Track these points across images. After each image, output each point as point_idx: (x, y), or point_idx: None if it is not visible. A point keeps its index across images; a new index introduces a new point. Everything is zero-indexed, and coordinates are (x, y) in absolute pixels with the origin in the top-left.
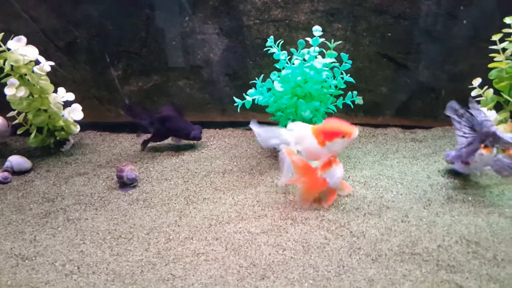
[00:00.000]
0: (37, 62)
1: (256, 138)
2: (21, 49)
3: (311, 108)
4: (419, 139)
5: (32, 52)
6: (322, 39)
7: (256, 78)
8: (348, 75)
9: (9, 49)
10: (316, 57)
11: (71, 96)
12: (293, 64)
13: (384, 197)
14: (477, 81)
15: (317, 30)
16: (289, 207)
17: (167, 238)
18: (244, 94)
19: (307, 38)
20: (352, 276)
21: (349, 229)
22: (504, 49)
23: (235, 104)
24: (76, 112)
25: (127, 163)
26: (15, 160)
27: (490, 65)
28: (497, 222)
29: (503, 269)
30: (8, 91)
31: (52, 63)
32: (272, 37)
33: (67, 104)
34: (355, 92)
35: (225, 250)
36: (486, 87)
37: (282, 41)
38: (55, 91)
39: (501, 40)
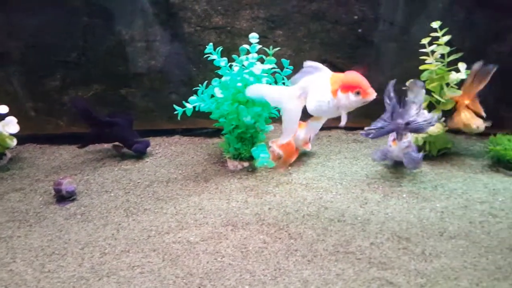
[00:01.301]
0: None
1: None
2: None
3: (253, 114)
4: (360, 140)
5: None
6: (259, 46)
7: (200, 85)
8: (290, 80)
9: None
10: (255, 64)
11: (4, 109)
12: (233, 70)
13: (323, 198)
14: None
15: (253, 37)
16: (231, 213)
17: (102, 252)
18: (183, 101)
19: (246, 46)
20: (288, 278)
21: (288, 231)
22: (433, 52)
23: (175, 112)
24: (11, 125)
25: (65, 176)
26: None
27: (421, 67)
28: (427, 217)
29: (430, 263)
30: None
31: None
32: (211, 44)
33: (1, 117)
34: None
35: (162, 261)
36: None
37: (222, 48)
38: None
39: (430, 43)
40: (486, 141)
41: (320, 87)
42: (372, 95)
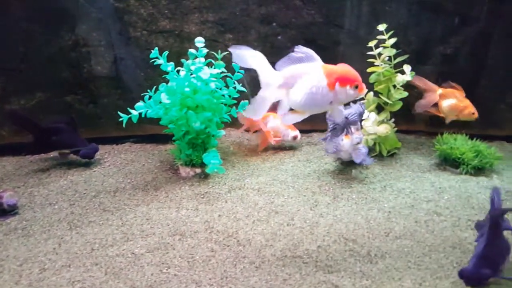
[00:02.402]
0: None
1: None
2: None
3: (202, 119)
4: (314, 142)
5: None
6: (206, 50)
7: (149, 90)
8: (241, 84)
9: None
10: (202, 68)
11: None
12: (180, 75)
13: (275, 202)
14: None
15: (199, 41)
16: (180, 222)
17: (42, 268)
18: (128, 108)
19: (193, 50)
20: (234, 286)
21: (237, 238)
22: (380, 54)
23: (120, 120)
24: None
25: (5, 189)
26: None
27: (369, 70)
28: (375, 218)
29: (375, 265)
30: None
31: None
32: (156, 48)
33: None
34: (246, 101)
35: (104, 275)
36: (367, 90)
37: (168, 52)
38: None
39: (377, 46)
40: (434, 141)
41: (313, 79)
42: (365, 89)
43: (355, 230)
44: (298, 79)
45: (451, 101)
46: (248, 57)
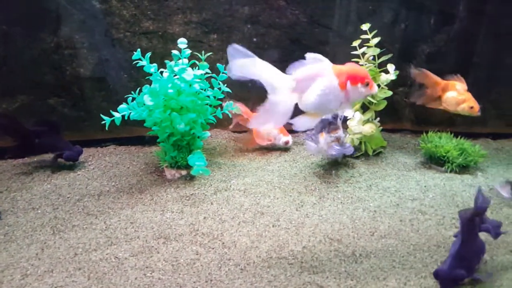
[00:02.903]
0: None
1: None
2: None
3: (187, 121)
4: (300, 142)
5: None
6: (189, 51)
7: (133, 92)
8: (225, 85)
9: None
10: (186, 69)
11: None
12: (163, 77)
13: (261, 203)
14: None
15: (182, 42)
16: (164, 225)
17: (24, 274)
18: (111, 111)
19: (175, 51)
20: None
21: (222, 240)
22: (364, 54)
23: (103, 122)
24: None
25: None
26: None
27: None
28: (360, 217)
29: (360, 265)
30: None
31: None
32: (139, 49)
33: None
34: (231, 102)
35: (87, 280)
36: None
37: (151, 53)
38: None
39: (361, 45)
40: (419, 139)
41: (325, 80)
42: (375, 87)
43: (340, 230)
44: (310, 82)
45: (451, 93)
46: (249, 66)
